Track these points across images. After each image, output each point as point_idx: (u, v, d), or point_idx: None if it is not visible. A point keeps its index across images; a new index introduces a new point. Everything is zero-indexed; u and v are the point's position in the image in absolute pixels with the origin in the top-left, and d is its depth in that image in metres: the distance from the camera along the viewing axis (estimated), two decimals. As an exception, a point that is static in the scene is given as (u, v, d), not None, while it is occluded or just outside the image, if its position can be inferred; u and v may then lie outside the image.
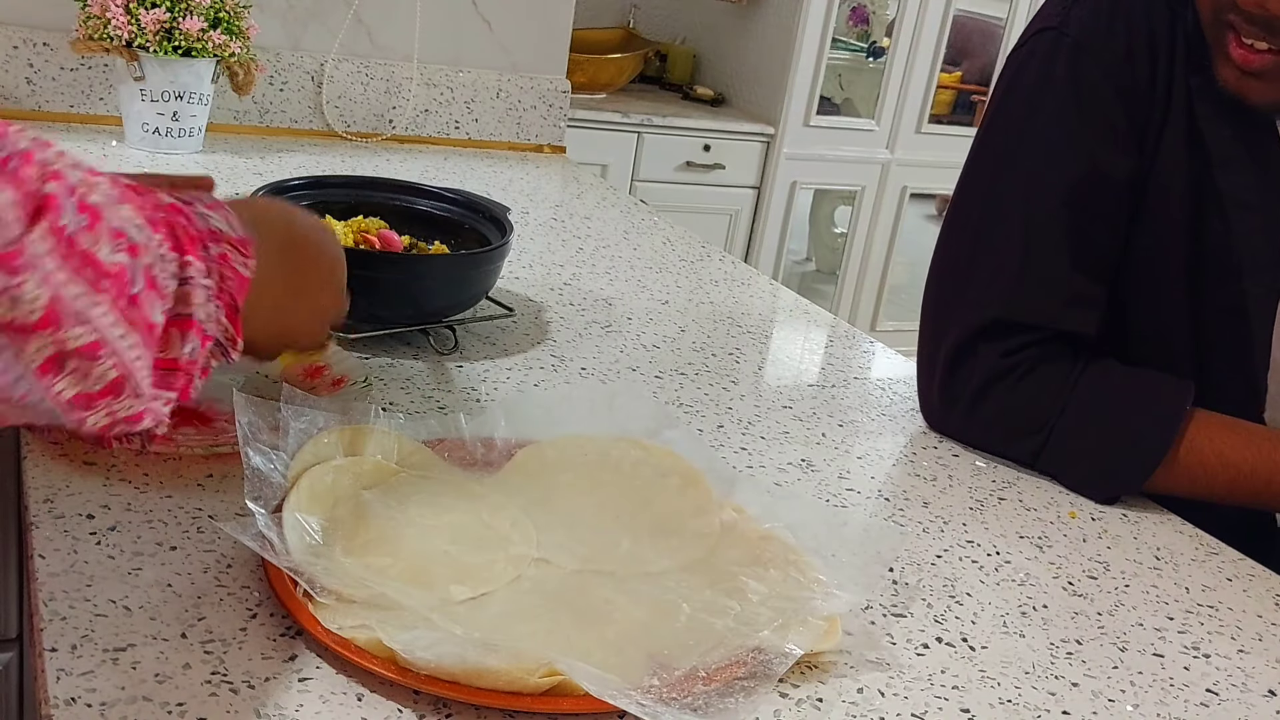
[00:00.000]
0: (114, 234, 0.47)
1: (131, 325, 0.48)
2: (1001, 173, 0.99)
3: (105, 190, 0.48)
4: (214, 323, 0.56)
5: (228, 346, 0.58)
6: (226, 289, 0.57)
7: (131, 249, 0.48)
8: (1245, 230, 0.94)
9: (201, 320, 0.54)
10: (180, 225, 0.54)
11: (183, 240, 0.53)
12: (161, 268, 0.51)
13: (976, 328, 0.98)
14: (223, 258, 0.57)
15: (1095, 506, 0.94)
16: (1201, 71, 0.92)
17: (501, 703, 0.57)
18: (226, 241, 0.58)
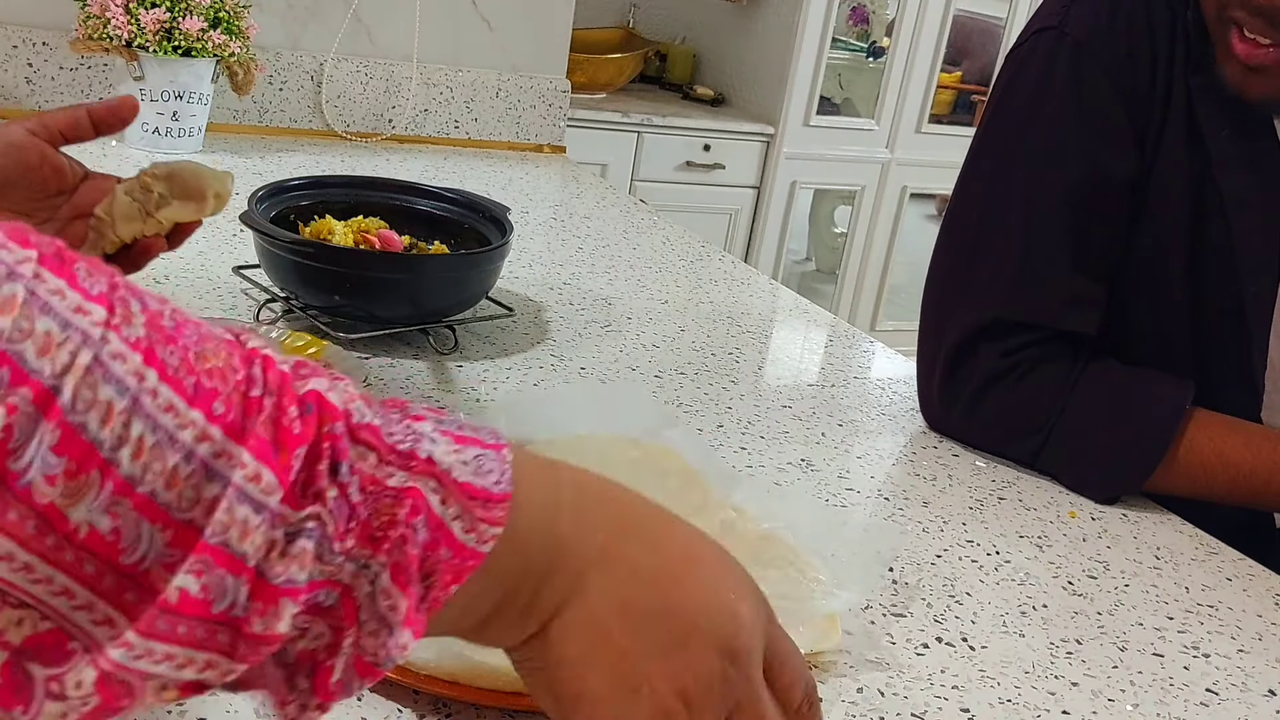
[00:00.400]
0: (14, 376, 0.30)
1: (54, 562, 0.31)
2: (1001, 172, 0.99)
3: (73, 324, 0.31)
4: (325, 571, 0.35)
5: (397, 633, 0.36)
6: (396, 541, 0.35)
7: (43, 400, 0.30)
8: (1244, 230, 0.94)
9: (240, 553, 0.33)
10: (278, 413, 0.34)
11: (251, 429, 0.33)
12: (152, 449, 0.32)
13: (976, 327, 0.97)
14: (405, 494, 0.36)
15: (1095, 506, 0.94)
16: (1201, 71, 0.92)
17: (501, 703, 0.57)
18: (436, 478, 0.36)
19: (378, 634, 0.36)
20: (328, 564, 0.34)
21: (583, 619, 0.41)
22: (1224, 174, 0.93)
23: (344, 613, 0.35)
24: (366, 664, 0.36)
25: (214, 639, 0.33)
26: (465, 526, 0.37)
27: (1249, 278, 0.95)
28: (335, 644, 0.36)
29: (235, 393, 0.33)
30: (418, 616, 0.36)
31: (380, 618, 0.36)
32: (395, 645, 0.36)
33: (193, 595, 0.32)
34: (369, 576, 0.35)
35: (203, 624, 0.33)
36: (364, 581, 0.35)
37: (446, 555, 0.36)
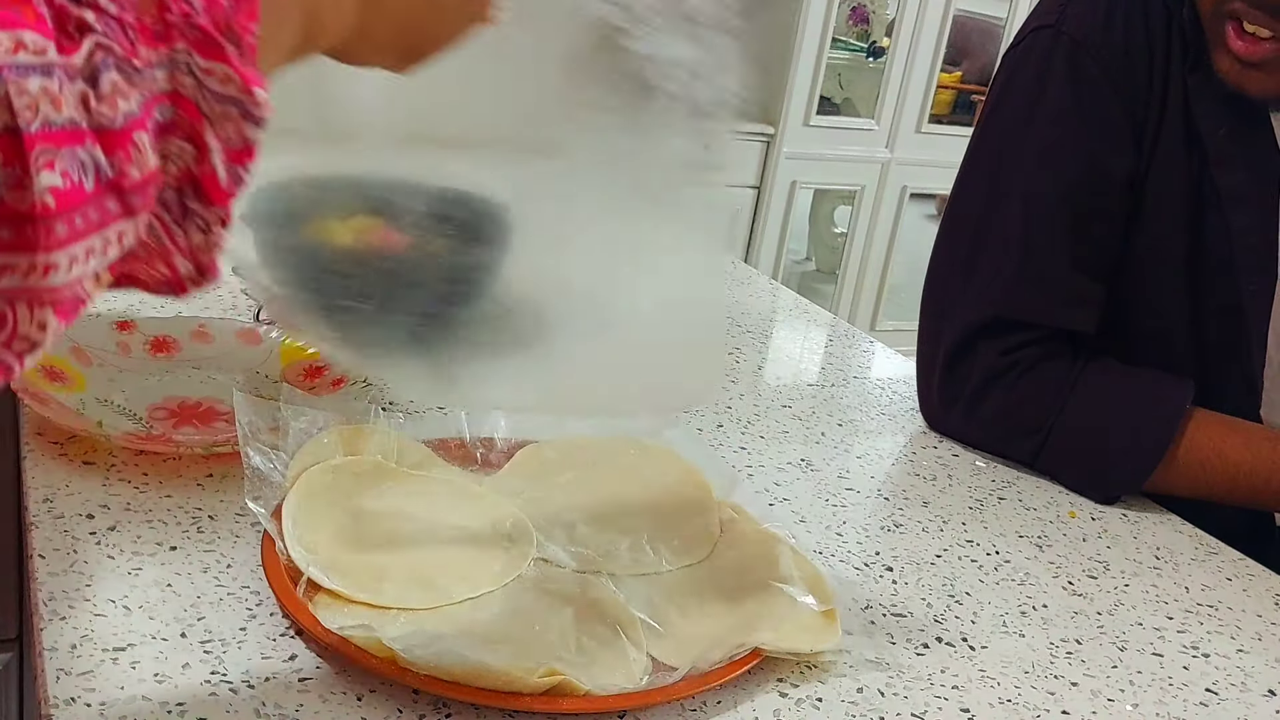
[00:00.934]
0: None
1: None
2: (1000, 171, 0.99)
3: None
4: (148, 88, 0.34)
5: (240, 99, 0.36)
6: (181, 24, 0.35)
7: None
8: (1241, 228, 0.94)
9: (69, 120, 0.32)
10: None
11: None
12: None
13: (975, 326, 0.98)
14: None
15: (1095, 506, 0.94)
16: (1198, 69, 0.93)
17: (501, 703, 0.57)
18: None
19: (228, 114, 0.36)
20: (141, 82, 0.34)
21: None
22: (1221, 171, 0.93)
23: (188, 116, 0.35)
24: (237, 150, 0.37)
25: (107, 211, 0.33)
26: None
27: (1247, 275, 0.95)
28: (201, 148, 0.36)
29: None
30: (248, 70, 0.36)
31: (220, 97, 0.36)
32: (250, 108, 0.37)
33: (62, 188, 0.32)
34: (183, 69, 0.35)
35: (90, 205, 0.33)
36: (183, 76, 0.35)
37: (230, 3, 0.36)
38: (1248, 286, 0.95)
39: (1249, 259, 0.95)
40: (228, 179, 0.37)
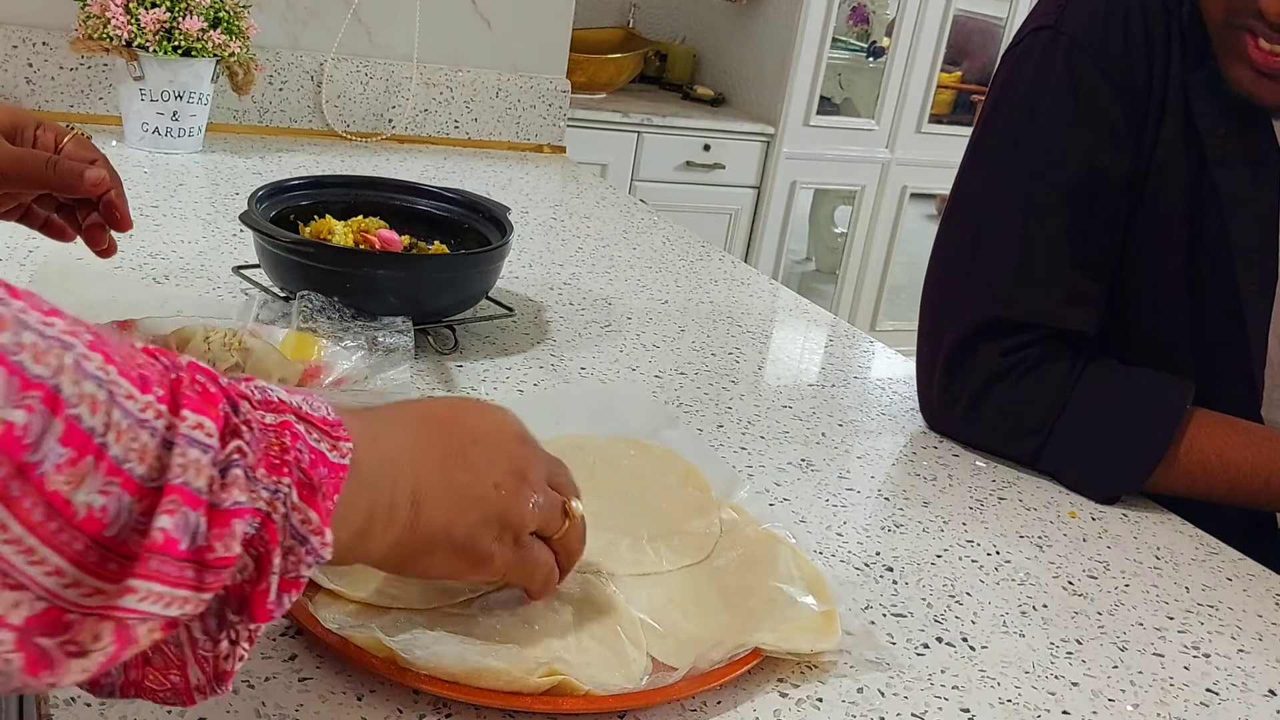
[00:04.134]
0: (24, 383, 0.35)
1: (9, 503, 0.34)
2: (999, 172, 0.99)
3: (47, 334, 0.36)
4: (255, 499, 0.41)
5: (309, 539, 0.43)
6: (293, 465, 0.43)
7: (51, 400, 0.35)
8: (1240, 228, 0.94)
9: (198, 489, 0.39)
10: (193, 383, 0.41)
11: (183, 397, 0.40)
12: (129, 433, 0.37)
13: (976, 327, 0.98)
14: (283, 426, 0.44)
15: (1095, 506, 0.94)
16: (1199, 69, 0.92)
17: (501, 703, 0.57)
18: (294, 414, 0.45)
19: (295, 550, 0.43)
20: (253, 490, 0.41)
21: (432, 492, 0.53)
22: (1220, 172, 0.93)
23: (267, 537, 0.42)
24: (289, 580, 0.43)
25: (184, 576, 0.39)
26: (329, 446, 0.45)
27: (1246, 275, 0.95)
28: (264, 568, 0.42)
29: (164, 378, 0.40)
30: (326, 520, 0.44)
31: (296, 534, 0.43)
32: (317, 548, 0.43)
33: (170, 533, 0.38)
34: (281, 499, 0.42)
35: (176, 562, 0.38)
36: (279, 504, 0.42)
37: (324, 472, 0.44)
38: (1247, 286, 0.95)
39: (1248, 259, 0.95)
40: (275, 602, 0.42)
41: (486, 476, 0.56)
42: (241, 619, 0.42)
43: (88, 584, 0.37)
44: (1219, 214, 0.94)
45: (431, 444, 0.54)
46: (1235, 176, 0.93)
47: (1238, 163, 0.93)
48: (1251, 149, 0.94)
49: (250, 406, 0.43)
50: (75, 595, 0.37)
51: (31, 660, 0.36)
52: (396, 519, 0.51)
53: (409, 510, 0.52)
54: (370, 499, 0.49)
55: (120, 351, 0.39)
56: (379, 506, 0.50)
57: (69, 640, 0.37)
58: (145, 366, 0.40)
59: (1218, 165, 0.93)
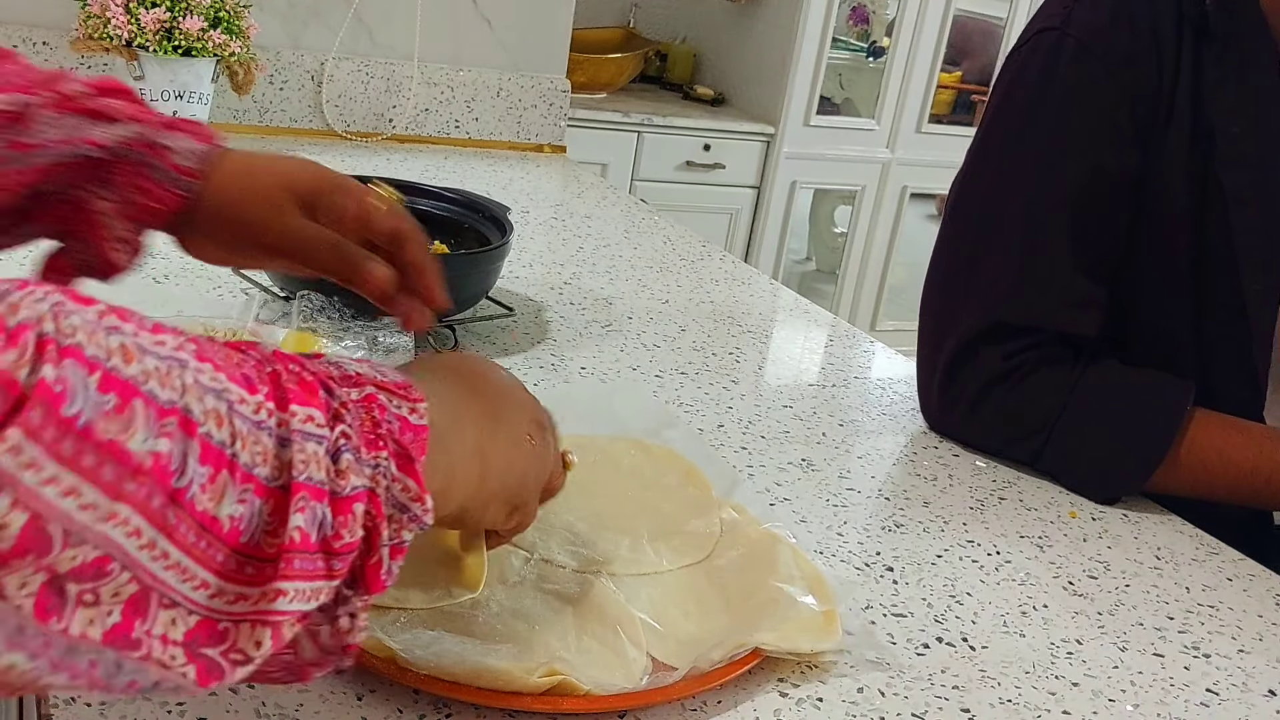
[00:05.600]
0: (160, 411, 0.35)
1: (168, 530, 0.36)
2: (1003, 174, 0.99)
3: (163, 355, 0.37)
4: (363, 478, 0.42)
5: (410, 506, 0.44)
6: (388, 437, 0.44)
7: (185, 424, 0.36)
8: (1245, 228, 0.94)
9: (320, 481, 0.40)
10: (289, 374, 0.42)
11: (287, 391, 0.41)
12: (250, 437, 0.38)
13: (978, 330, 0.97)
14: (368, 400, 0.44)
15: (1095, 506, 0.94)
16: (1220, 65, 0.92)
17: (501, 703, 0.57)
18: (373, 384, 0.45)
19: (398, 519, 0.44)
20: (361, 470, 0.42)
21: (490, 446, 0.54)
22: (1229, 170, 0.93)
23: (374, 511, 0.42)
24: (396, 548, 0.44)
25: (318, 567, 0.40)
26: (408, 409, 0.45)
27: (1250, 275, 0.95)
28: (374, 542, 0.42)
29: (262, 373, 0.41)
30: (423, 487, 0.44)
31: (398, 504, 0.44)
32: (418, 514, 0.44)
33: (304, 530, 0.39)
34: (383, 472, 0.43)
35: (310, 557, 0.39)
36: (380, 478, 0.43)
37: (410, 437, 0.45)
38: (1252, 286, 0.95)
39: (1253, 258, 0.94)
40: (387, 572, 0.43)
41: (520, 428, 0.57)
42: (357, 593, 0.43)
43: (230, 591, 0.38)
44: (1224, 214, 0.94)
45: (474, 399, 0.55)
46: (1243, 176, 0.93)
47: (1247, 162, 0.93)
48: (1262, 149, 0.94)
49: (337, 386, 0.44)
50: (221, 604, 0.38)
51: (202, 671, 0.38)
52: (470, 475, 0.52)
53: (478, 466, 0.53)
54: (448, 457, 0.50)
55: (220, 355, 0.40)
56: (456, 464, 0.51)
57: (230, 648, 0.39)
58: (244, 365, 0.40)
59: (1226, 165, 0.93)
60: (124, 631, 0.36)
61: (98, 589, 0.35)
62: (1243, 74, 0.93)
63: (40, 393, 0.32)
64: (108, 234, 0.65)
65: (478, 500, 0.54)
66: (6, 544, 0.32)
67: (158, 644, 0.37)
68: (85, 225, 0.66)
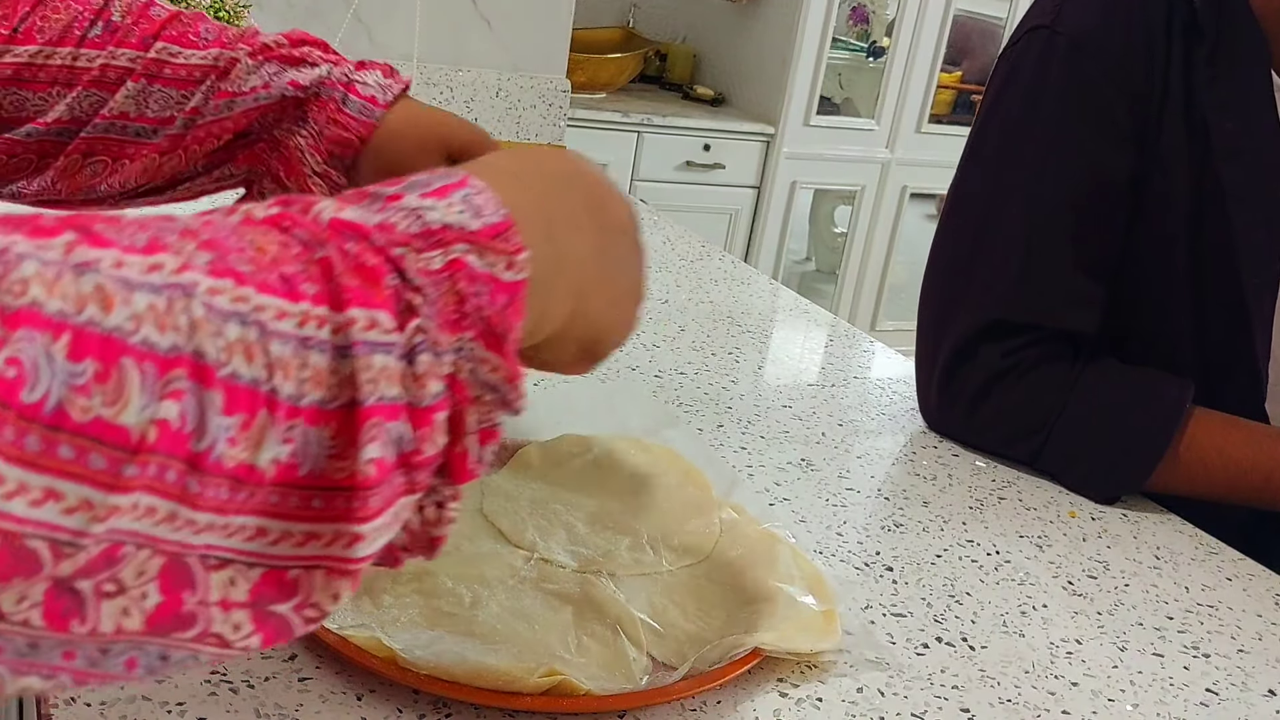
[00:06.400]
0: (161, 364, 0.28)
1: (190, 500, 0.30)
2: (1000, 173, 0.99)
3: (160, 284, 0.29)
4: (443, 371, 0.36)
5: (501, 387, 0.38)
6: (474, 315, 0.37)
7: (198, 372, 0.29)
8: (1244, 223, 0.94)
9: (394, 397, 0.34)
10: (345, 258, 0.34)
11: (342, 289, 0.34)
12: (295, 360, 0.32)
13: (977, 329, 0.97)
14: (453, 266, 0.37)
15: (1095, 506, 0.94)
16: (1211, 63, 0.92)
17: (501, 703, 0.57)
18: (461, 239, 0.38)
19: (487, 400, 0.38)
20: (443, 365, 0.36)
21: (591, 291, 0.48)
22: (1226, 166, 0.93)
23: (458, 397, 0.37)
24: (486, 432, 0.38)
25: (398, 488, 0.35)
26: (505, 265, 0.38)
27: (1249, 270, 0.95)
28: (459, 430, 0.37)
29: (309, 265, 0.34)
30: (515, 362, 0.38)
31: (487, 385, 0.38)
32: (509, 396, 0.38)
33: (380, 462, 0.33)
34: (467, 355, 0.37)
35: (390, 483, 0.34)
36: (465, 362, 0.37)
37: (504, 300, 0.38)
38: (1251, 280, 0.95)
39: (1253, 253, 0.95)
40: (475, 460, 0.38)
41: (628, 284, 0.52)
42: (444, 482, 0.38)
43: (297, 531, 0.33)
44: (1221, 209, 0.94)
45: (588, 227, 0.48)
46: (1241, 172, 0.94)
47: (1244, 158, 0.94)
48: (1258, 144, 0.94)
49: (414, 255, 0.36)
50: (288, 548, 0.33)
51: (270, 635, 0.33)
52: (561, 314, 0.46)
53: (573, 304, 0.47)
54: (543, 302, 0.44)
55: (248, 254, 0.32)
56: (550, 306, 0.45)
57: (304, 603, 0.34)
58: (282, 259, 0.33)
59: (1223, 161, 0.93)
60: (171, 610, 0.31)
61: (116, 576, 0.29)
62: (1233, 71, 0.93)
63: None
64: (305, 169, 0.69)
65: (558, 338, 0.48)
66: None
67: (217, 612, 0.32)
68: (282, 162, 0.70)
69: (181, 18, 0.70)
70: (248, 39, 0.70)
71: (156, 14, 0.70)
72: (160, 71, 0.68)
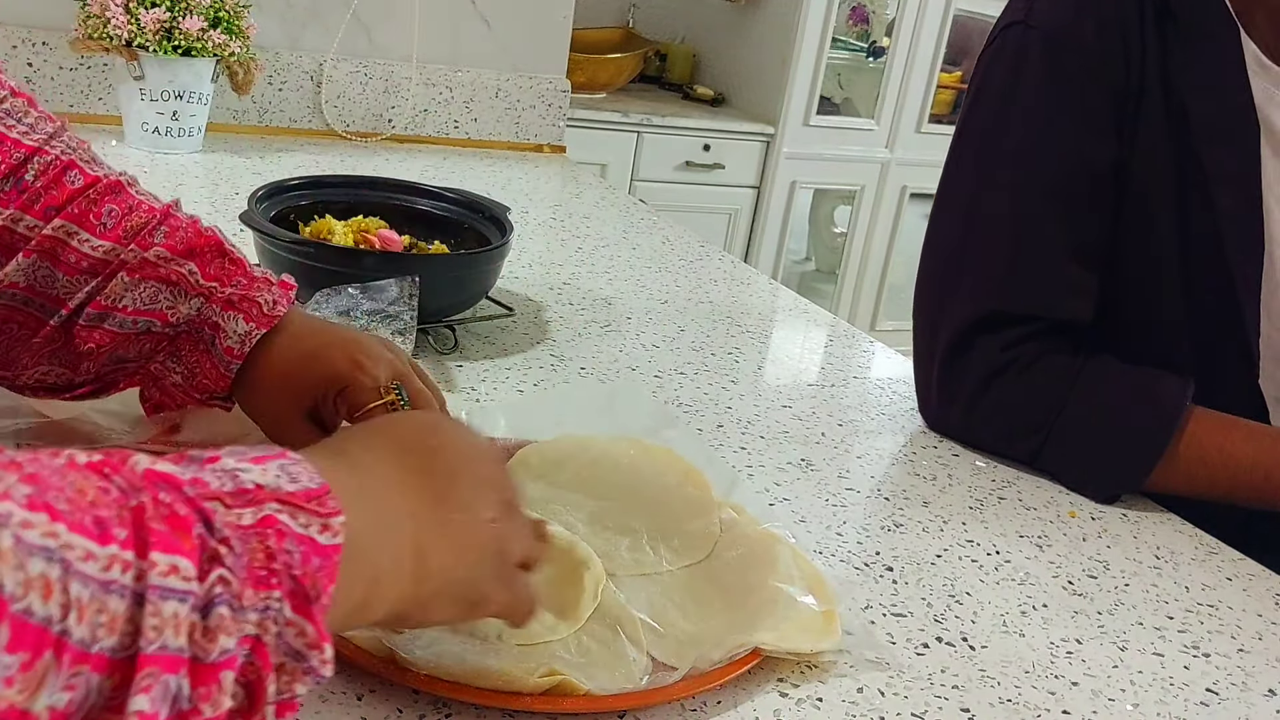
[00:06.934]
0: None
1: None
2: (985, 168, 1.00)
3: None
4: (242, 630, 0.36)
5: (307, 654, 0.38)
6: (284, 572, 0.37)
7: None
8: (1228, 205, 0.95)
9: (178, 648, 0.33)
10: (157, 506, 0.34)
11: (150, 533, 0.33)
12: (93, 604, 0.31)
13: (972, 322, 0.98)
14: (264, 524, 0.37)
15: (1095, 506, 0.94)
16: (1185, 45, 0.93)
17: (501, 703, 0.57)
18: (275, 499, 0.38)
19: (289, 668, 0.37)
20: (241, 621, 0.35)
21: (433, 539, 0.47)
22: (1207, 148, 0.94)
23: (259, 662, 0.36)
24: (285, 702, 0.37)
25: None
26: (319, 528, 0.39)
27: (1236, 251, 0.95)
28: (257, 698, 0.36)
29: (122, 510, 0.33)
30: (323, 630, 0.38)
31: (291, 650, 0.37)
32: (315, 664, 0.38)
33: (146, 713, 0.32)
34: (273, 616, 0.36)
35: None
36: (269, 623, 0.36)
37: (317, 564, 0.38)
38: (1238, 260, 0.95)
39: (1237, 235, 0.95)
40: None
41: (481, 511, 0.51)
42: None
43: None
44: (1204, 191, 0.95)
45: (419, 481, 0.49)
46: (1222, 153, 0.94)
47: (1224, 140, 0.94)
48: (1238, 126, 0.94)
49: (224, 509, 0.37)
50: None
51: None
52: (400, 579, 0.46)
53: (412, 564, 0.46)
54: (371, 567, 0.43)
55: (65, 494, 0.32)
56: (382, 571, 0.44)
57: None
58: (99, 503, 0.33)
59: (1204, 144, 0.94)
60: None
61: None
62: (1207, 52, 0.94)
63: None
64: (185, 400, 0.70)
65: (414, 602, 0.47)
66: None
67: None
68: (162, 395, 0.71)
69: (91, 191, 0.68)
70: (142, 239, 0.67)
71: (71, 180, 0.68)
72: (55, 251, 0.66)
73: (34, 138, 0.69)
